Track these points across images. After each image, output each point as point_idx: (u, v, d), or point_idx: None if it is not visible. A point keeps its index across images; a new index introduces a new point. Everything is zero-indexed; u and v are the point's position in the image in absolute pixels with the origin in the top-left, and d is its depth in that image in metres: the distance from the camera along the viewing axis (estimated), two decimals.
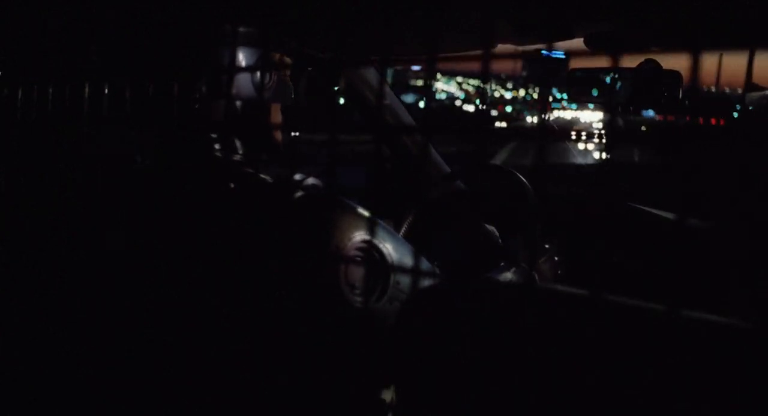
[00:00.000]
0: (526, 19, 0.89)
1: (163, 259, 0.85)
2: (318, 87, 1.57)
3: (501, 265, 1.18)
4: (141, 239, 0.88)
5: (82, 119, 0.95)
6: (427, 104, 0.64)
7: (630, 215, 1.44)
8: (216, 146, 0.92)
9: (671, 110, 1.11)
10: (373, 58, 1.53)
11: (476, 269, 1.23)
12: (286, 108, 1.05)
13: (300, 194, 0.84)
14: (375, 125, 1.65)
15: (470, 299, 0.64)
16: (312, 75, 1.52)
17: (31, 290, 0.96)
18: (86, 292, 0.90)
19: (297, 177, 0.90)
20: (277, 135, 1.02)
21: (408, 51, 1.35)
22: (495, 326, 0.60)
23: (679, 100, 1.09)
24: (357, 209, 0.82)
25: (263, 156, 0.99)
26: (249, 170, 0.90)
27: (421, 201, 1.49)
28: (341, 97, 1.64)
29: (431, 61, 0.59)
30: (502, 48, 1.04)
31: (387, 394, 0.82)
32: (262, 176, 0.89)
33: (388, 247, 0.81)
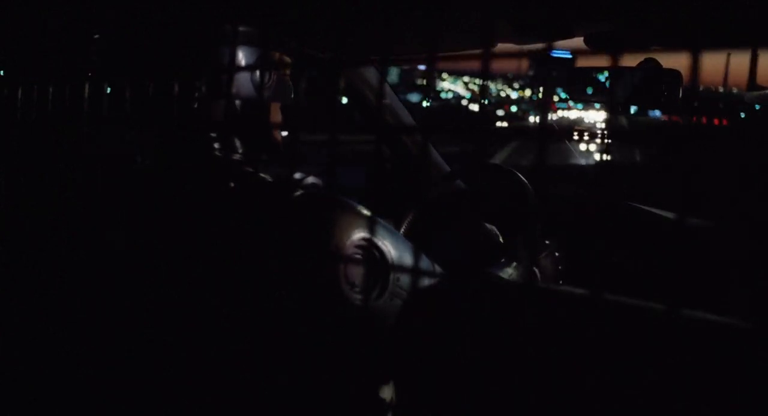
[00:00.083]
0: (526, 19, 0.89)
1: (164, 259, 0.85)
2: (318, 87, 1.57)
3: (502, 261, 1.18)
4: (141, 239, 0.88)
5: (82, 119, 0.95)
6: (427, 104, 0.64)
7: (630, 214, 1.44)
8: (216, 145, 0.92)
9: (672, 110, 1.11)
10: (373, 58, 1.53)
11: (477, 268, 1.23)
12: (286, 107, 1.05)
13: (299, 193, 0.84)
14: (375, 125, 1.65)
15: (471, 299, 0.64)
16: (312, 75, 1.52)
17: (31, 290, 0.96)
18: (86, 292, 0.90)
19: (297, 176, 0.90)
20: (277, 134, 1.02)
21: (408, 51, 1.35)
22: (495, 325, 0.60)
23: (680, 100, 1.09)
24: (356, 207, 0.82)
25: (263, 156, 0.99)
26: (249, 169, 0.90)
27: (421, 201, 1.49)
28: (343, 97, 1.64)
29: (431, 61, 0.59)
30: (507, 48, 1.04)
31: (387, 393, 0.82)
32: (262, 175, 0.89)
33: (388, 245, 0.81)
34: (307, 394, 0.80)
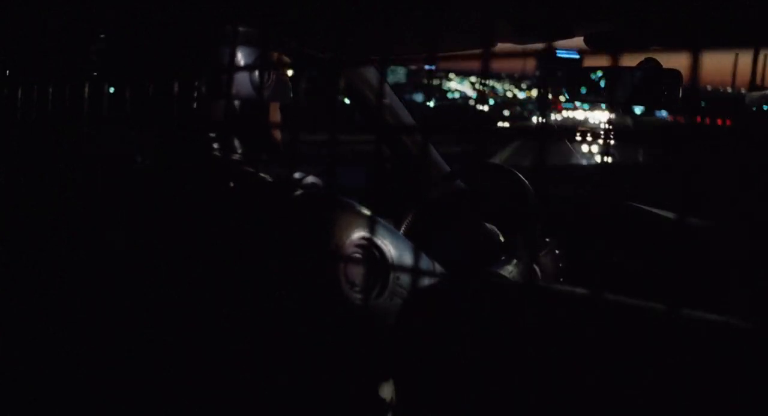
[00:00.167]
0: (526, 19, 0.89)
1: (163, 259, 0.86)
2: (318, 87, 1.57)
3: (502, 259, 1.18)
4: (141, 238, 0.88)
5: (82, 119, 0.95)
6: (432, 104, 0.65)
7: (630, 214, 1.44)
8: (215, 145, 0.92)
9: (672, 109, 1.11)
10: (373, 58, 1.53)
11: (477, 267, 1.23)
12: (285, 107, 1.05)
13: (299, 192, 0.84)
14: (375, 125, 1.65)
15: (470, 298, 0.64)
16: (312, 75, 1.52)
17: (31, 290, 0.96)
18: (86, 292, 0.90)
19: (296, 176, 0.90)
20: (276, 134, 1.02)
21: (408, 51, 1.35)
22: (495, 324, 0.60)
23: (680, 100, 1.09)
24: (356, 207, 0.82)
25: (263, 155, 0.99)
26: (248, 169, 0.90)
27: (421, 201, 1.49)
28: (344, 97, 1.64)
29: (431, 61, 0.59)
30: (507, 48, 1.04)
31: (387, 393, 0.83)
32: (262, 175, 0.89)
33: (388, 244, 0.81)
34: (307, 394, 0.80)
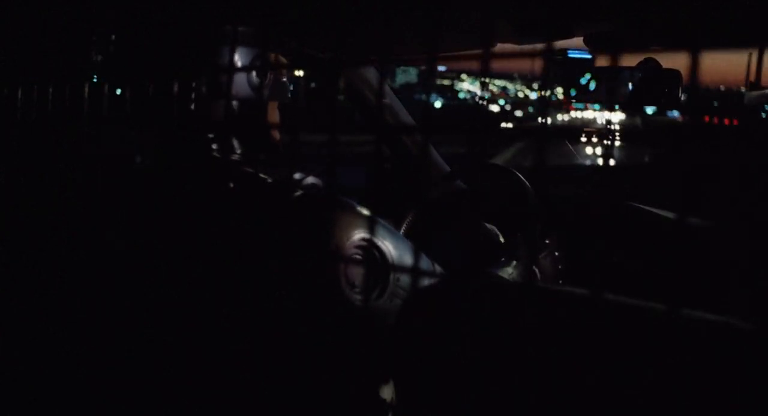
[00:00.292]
0: (526, 19, 0.89)
1: (163, 259, 0.85)
2: (318, 87, 1.57)
3: (501, 260, 1.18)
4: (141, 239, 0.88)
5: (82, 119, 0.95)
6: (427, 104, 0.65)
7: (630, 214, 1.44)
8: (214, 145, 0.92)
9: (673, 109, 1.11)
10: (373, 58, 1.53)
11: (477, 268, 1.23)
12: (284, 107, 1.05)
13: (299, 193, 0.84)
14: (375, 125, 1.65)
15: (470, 298, 0.64)
16: (312, 75, 1.52)
17: (31, 290, 0.96)
18: (86, 292, 0.90)
19: (296, 177, 0.90)
20: (276, 134, 1.02)
21: (408, 51, 1.35)
22: (495, 325, 0.60)
23: (681, 100, 1.09)
24: (356, 207, 0.82)
25: (262, 156, 0.99)
26: (248, 169, 0.90)
27: (421, 201, 1.49)
28: (344, 97, 1.64)
29: (431, 61, 0.59)
30: (513, 48, 1.03)
31: (387, 393, 0.82)
32: (262, 175, 0.89)
33: (388, 245, 0.81)
34: (308, 394, 0.80)
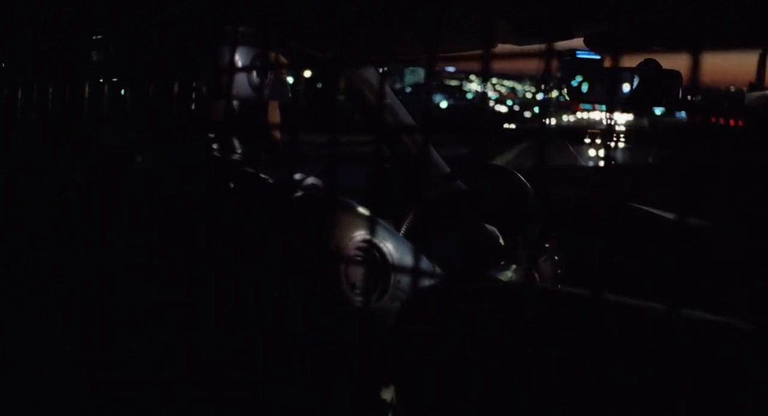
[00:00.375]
0: (526, 19, 0.89)
1: (163, 259, 0.85)
2: (318, 87, 1.57)
3: (501, 264, 1.18)
4: (141, 239, 0.88)
5: (82, 119, 0.95)
6: (427, 104, 0.64)
7: (630, 215, 1.44)
8: (214, 145, 0.92)
9: (673, 109, 1.11)
10: (374, 58, 1.53)
11: (477, 269, 1.23)
12: (285, 107, 1.05)
13: (300, 193, 0.84)
14: (375, 125, 1.65)
15: (470, 299, 0.64)
16: (312, 75, 1.52)
17: (31, 290, 0.96)
18: (86, 292, 0.90)
19: (297, 177, 0.90)
20: (276, 134, 1.02)
21: (408, 51, 1.35)
22: (495, 326, 0.60)
23: (681, 100, 1.09)
24: (357, 208, 0.82)
25: (262, 156, 0.99)
26: (249, 169, 0.90)
27: (421, 201, 1.49)
28: (344, 97, 1.64)
29: (431, 61, 0.59)
30: (512, 48, 1.03)
31: (387, 394, 0.82)
32: (262, 175, 0.89)
33: (389, 246, 0.81)
34: (308, 395, 0.80)
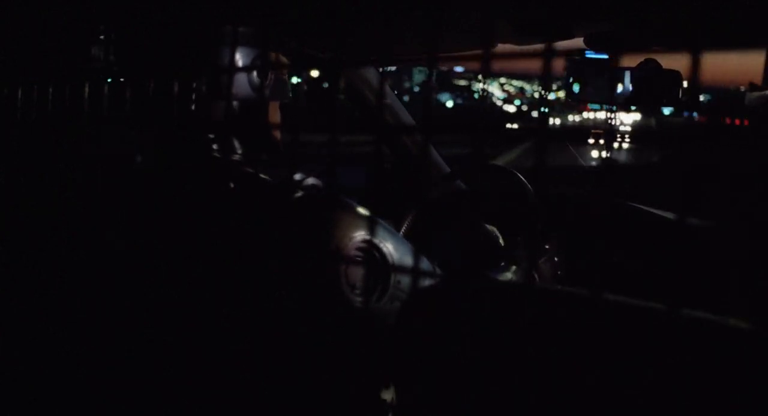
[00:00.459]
0: (526, 19, 0.89)
1: (163, 259, 0.85)
2: (318, 87, 1.57)
3: (501, 265, 1.18)
4: (141, 239, 0.88)
5: (82, 119, 0.95)
6: (427, 104, 0.64)
7: (630, 214, 1.44)
8: (214, 145, 0.92)
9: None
10: (373, 58, 1.53)
11: (477, 269, 1.23)
12: (285, 107, 1.05)
13: (300, 194, 0.84)
14: (375, 125, 1.65)
15: (470, 299, 0.64)
16: (311, 76, 1.52)
17: (31, 290, 0.96)
18: (86, 292, 0.90)
19: (297, 177, 0.90)
20: (276, 134, 1.02)
21: (408, 51, 1.35)
22: (495, 326, 0.60)
23: (681, 100, 1.09)
24: (357, 208, 0.82)
25: (262, 156, 0.99)
26: (249, 170, 0.90)
27: (421, 201, 1.49)
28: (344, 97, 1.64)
29: (431, 61, 0.59)
30: (512, 48, 1.03)
31: (387, 394, 0.82)
32: (262, 176, 0.89)
33: (389, 246, 0.81)
34: (308, 395, 0.80)
